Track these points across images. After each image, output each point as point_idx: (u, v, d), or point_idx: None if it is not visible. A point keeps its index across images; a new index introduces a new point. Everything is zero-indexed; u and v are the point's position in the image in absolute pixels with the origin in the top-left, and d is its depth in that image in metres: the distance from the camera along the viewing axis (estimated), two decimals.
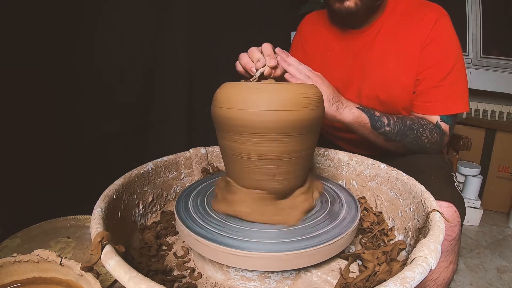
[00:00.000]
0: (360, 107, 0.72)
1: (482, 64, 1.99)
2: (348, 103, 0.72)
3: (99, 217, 0.45)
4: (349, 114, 0.71)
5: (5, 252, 0.71)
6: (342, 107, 0.70)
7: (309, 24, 0.99)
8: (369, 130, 0.73)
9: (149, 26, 1.07)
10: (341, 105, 0.70)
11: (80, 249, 0.75)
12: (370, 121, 0.72)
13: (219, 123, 0.50)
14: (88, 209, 0.50)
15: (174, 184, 0.71)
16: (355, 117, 0.71)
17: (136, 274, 0.35)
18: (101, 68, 0.96)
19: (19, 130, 0.80)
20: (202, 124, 1.30)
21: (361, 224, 0.61)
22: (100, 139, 0.98)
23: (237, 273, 0.48)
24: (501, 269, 1.41)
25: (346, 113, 0.71)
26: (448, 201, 0.62)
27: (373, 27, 0.84)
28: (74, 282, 0.49)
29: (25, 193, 0.80)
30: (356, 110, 0.71)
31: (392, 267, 0.45)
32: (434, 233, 0.42)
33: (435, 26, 0.77)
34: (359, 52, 0.85)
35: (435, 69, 0.78)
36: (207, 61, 1.27)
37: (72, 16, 0.86)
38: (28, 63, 0.80)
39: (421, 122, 0.77)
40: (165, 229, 0.60)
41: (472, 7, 1.94)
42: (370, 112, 0.73)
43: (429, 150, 0.79)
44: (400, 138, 0.75)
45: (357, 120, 0.71)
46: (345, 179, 0.73)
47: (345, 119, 0.71)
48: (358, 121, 0.72)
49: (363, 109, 0.72)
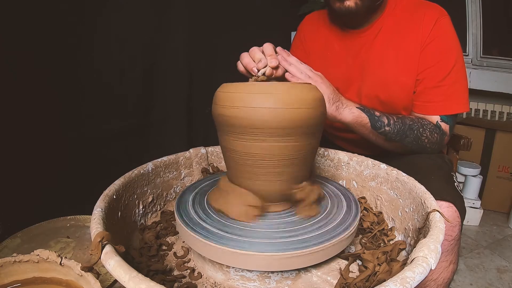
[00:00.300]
0: (360, 107, 0.72)
1: (482, 64, 1.99)
2: (348, 103, 0.72)
3: (99, 217, 0.45)
4: (349, 114, 0.71)
5: (5, 252, 0.71)
6: (342, 107, 0.71)
7: (309, 24, 0.99)
8: (369, 130, 0.73)
9: (149, 26, 1.07)
10: (341, 105, 0.71)
11: (80, 249, 0.75)
12: (370, 121, 0.72)
13: (219, 122, 0.50)
14: (88, 209, 0.50)
15: (174, 184, 0.71)
16: (355, 117, 0.71)
17: (136, 274, 0.35)
18: (101, 68, 0.96)
19: (20, 130, 0.80)
20: (202, 124, 1.30)
21: (361, 224, 0.61)
22: (100, 139, 0.98)
23: (237, 273, 0.48)
24: (501, 269, 1.41)
25: (346, 113, 0.71)
26: (449, 201, 0.62)
27: (373, 27, 0.84)
28: (74, 282, 0.50)
29: (25, 193, 0.81)
30: (356, 110, 0.71)
31: (392, 267, 0.45)
32: (434, 233, 0.42)
33: (435, 26, 0.77)
34: (359, 52, 0.85)
35: (435, 69, 0.78)
36: (207, 61, 1.27)
37: (73, 16, 0.86)
38: (28, 63, 0.80)
39: (421, 122, 0.77)
40: (165, 229, 0.60)
41: (472, 7, 1.94)
42: (370, 112, 0.73)
43: (429, 150, 0.79)
44: (400, 138, 0.75)
45: (357, 120, 0.72)
46: (345, 179, 0.73)
47: (345, 119, 0.71)
48: (358, 121, 0.72)
49: (363, 109, 0.72)
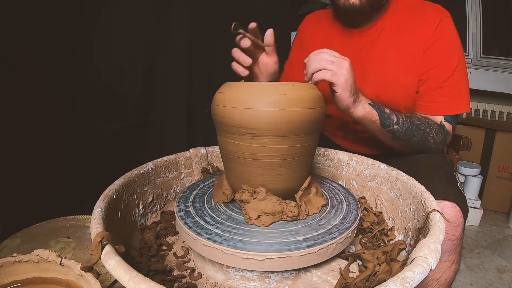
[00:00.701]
0: (372, 103, 0.72)
1: (482, 64, 1.99)
2: (362, 97, 0.71)
3: (99, 217, 0.45)
4: (361, 109, 0.70)
5: (5, 252, 0.71)
6: (358, 100, 0.69)
7: (308, 24, 0.99)
8: (378, 127, 0.73)
9: (149, 26, 1.07)
10: (357, 98, 0.69)
11: (80, 249, 0.75)
12: (379, 118, 0.72)
13: (217, 122, 0.50)
14: (88, 209, 0.50)
15: (174, 184, 0.71)
16: (366, 112, 0.70)
17: (136, 274, 0.35)
18: (101, 68, 0.96)
19: (20, 130, 0.80)
20: (202, 124, 1.30)
21: (361, 224, 0.61)
22: (100, 139, 0.98)
23: (237, 273, 0.48)
24: (501, 269, 1.41)
25: (360, 107, 0.70)
26: (452, 201, 0.62)
27: (375, 26, 0.83)
28: (74, 282, 0.49)
29: (25, 193, 0.80)
30: (368, 106, 0.71)
31: (392, 267, 0.45)
32: (434, 233, 0.42)
33: (439, 26, 0.77)
34: (360, 51, 0.85)
35: (438, 69, 0.77)
36: (207, 61, 1.27)
37: (73, 16, 0.86)
38: (29, 64, 0.80)
39: (428, 122, 0.76)
40: (165, 229, 0.60)
41: (472, 7, 1.94)
42: (381, 109, 0.72)
43: (433, 150, 0.79)
44: (407, 137, 0.75)
45: (367, 116, 0.71)
46: (345, 179, 0.73)
47: (357, 113, 0.70)
48: (368, 117, 0.71)
49: (374, 106, 0.72)
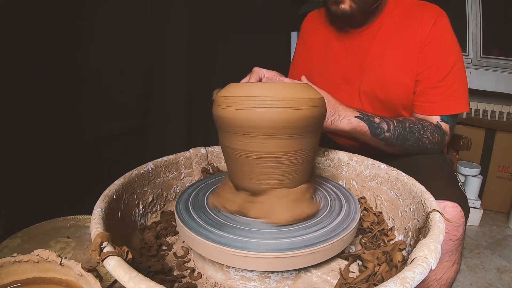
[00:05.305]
0: (360, 115, 0.72)
1: (482, 64, 1.99)
2: (346, 112, 0.70)
3: (99, 217, 0.45)
4: (347, 125, 0.70)
5: (5, 252, 0.71)
6: (339, 119, 0.70)
7: (310, 22, 1.00)
8: (369, 137, 0.74)
9: (149, 26, 1.07)
10: (337, 117, 0.69)
11: (80, 249, 0.75)
12: (369, 129, 0.72)
13: (220, 123, 0.50)
14: (88, 209, 0.50)
15: (174, 184, 0.71)
16: (353, 127, 0.71)
17: (136, 274, 0.34)
18: (101, 68, 0.96)
19: (20, 130, 0.80)
20: (202, 124, 1.30)
21: (361, 224, 0.61)
22: (100, 139, 0.98)
23: (237, 273, 0.48)
24: (501, 269, 1.41)
25: (344, 123, 0.70)
26: (454, 201, 0.62)
27: (372, 27, 0.84)
28: (74, 282, 0.50)
29: (25, 193, 0.80)
30: (355, 120, 0.71)
31: (392, 267, 0.45)
32: (434, 233, 0.42)
33: (434, 26, 0.78)
34: (357, 51, 0.86)
35: (434, 69, 0.78)
36: (207, 61, 1.27)
37: (72, 16, 0.86)
38: (29, 64, 0.80)
39: (421, 124, 0.77)
40: (165, 229, 0.60)
41: (472, 7, 1.94)
42: (370, 119, 0.72)
43: (430, 151, 0.79)
44: (400, 142, 0.75)
45: (356, 129, 0.71)
46: (345, 179, 0.73)
47: (343, 128, 0.71)
48: (357, 130, 0.72)
49: (362, 117, 0.72)
